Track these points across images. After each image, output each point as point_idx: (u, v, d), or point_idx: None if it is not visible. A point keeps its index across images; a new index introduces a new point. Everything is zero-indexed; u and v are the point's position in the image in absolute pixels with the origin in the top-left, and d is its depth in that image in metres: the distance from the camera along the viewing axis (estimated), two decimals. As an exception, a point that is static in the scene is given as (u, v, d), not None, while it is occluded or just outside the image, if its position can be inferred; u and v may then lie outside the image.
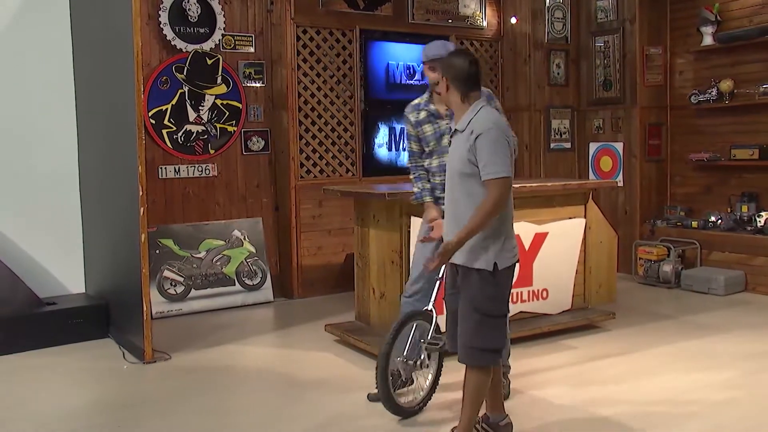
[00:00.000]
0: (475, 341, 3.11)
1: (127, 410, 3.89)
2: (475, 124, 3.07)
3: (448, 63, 3.19)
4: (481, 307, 3.10)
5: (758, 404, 3.84)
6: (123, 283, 5.02)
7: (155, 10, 6.04)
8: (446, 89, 3.18)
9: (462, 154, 3.10)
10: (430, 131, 4.00)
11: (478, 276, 3.10)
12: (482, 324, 3.10)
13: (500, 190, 3.01)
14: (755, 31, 6.53)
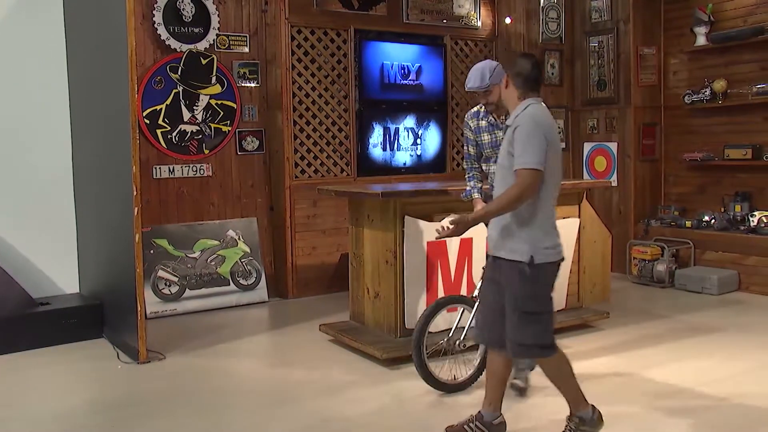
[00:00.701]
0: (519, 337, 3.16)
1: (121, 410, 3.89)
2: (518, 119, 3.18)
3: (513, 61, 3.30)
4: (520, 304, 3.15)
5: (751, 403, 3.86)
6: (117, 283, 5.01)
7: (149, 10, 6.03)
8: (506, 85, 3.28)
9: (505, 147, 3.22)
10: (487, 139, 4.24)
11: (516, 270, 3.14)
12: (523, 320, 3.14)
13: (527, 180, 3.06)
14: (748, 32, 6.56)
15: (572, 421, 3.31)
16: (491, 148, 4.20)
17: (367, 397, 4.02)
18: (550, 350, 3.21)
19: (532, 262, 3.11)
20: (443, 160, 7.42)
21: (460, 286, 4.84)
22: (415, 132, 7.21)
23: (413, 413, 3.85)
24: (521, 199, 3.07)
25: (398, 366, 4.47)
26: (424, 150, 7.29)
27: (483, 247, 4.87)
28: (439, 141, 7.38)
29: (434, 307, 4.08)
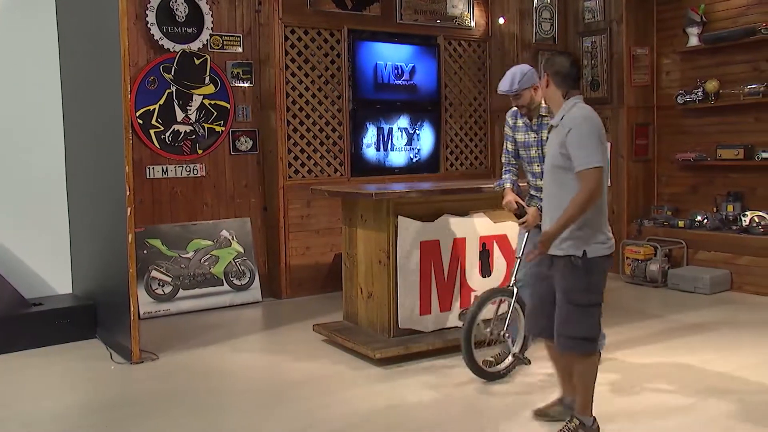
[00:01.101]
0: (569, 330, 3.23)
1: (114, 411, 3.88)
2: (567, 118, 3.23)
3: (552, 60, 3.36)
4: (571, 297, 3.22)
5: (745, 400, 3.87)
6: (110, 284, 5.00)
7: (142, 10, 6.03)
8: (546, 84, 3.36)
9: (556, 148, 3.27)
10: (521, 139, 4.38)
11: (569, 263, 3.22)
12: (574, 313, 3.22)
13: (593, 180, 3.12)
14: (740, 32, 6.59)
15: (573, 422, 3.36)
16: (524, 148, 4.37)
17: (361, 397, 4.02)
18: (595, 344, 3.29)
19: (584, 256, 3.20)
20: (437, 160, 7.43)
21: (453, 285, 4.85)
22: (409, 132, 7.22)
23: (406, 413, 3.86)
24: (592, 200, 3.14)
25: (392, 366, 4.48)
26: (418, 150, 7.30)
27: (476, 247, 4.92)
28: (433, 141, 7.39)
29: (483, 299, 4.21)
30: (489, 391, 4.12)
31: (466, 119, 7.63)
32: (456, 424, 3.68)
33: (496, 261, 5.03)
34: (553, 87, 3.31)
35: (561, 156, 3.22)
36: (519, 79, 4.12)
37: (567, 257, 3.23)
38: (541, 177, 4.03)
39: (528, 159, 4.37)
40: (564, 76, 3.29)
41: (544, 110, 4.19)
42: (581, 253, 3.19)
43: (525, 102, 4.18)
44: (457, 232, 4.85)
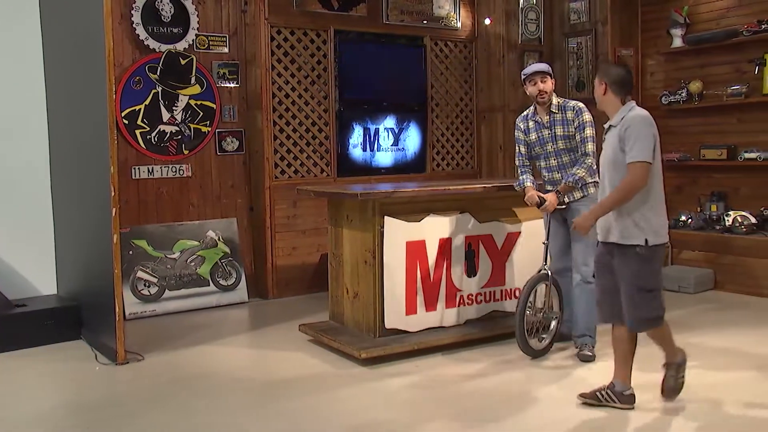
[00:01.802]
0: (639, 313, 3.60)
1: (98, 412, 3.87)
2: (627, 119, 3.63)
3: (608, 70, 3.80)
4: (640, 284, 3.58)
5: (725, 397, 3.91)
6: (95, 285, 4.99)
7: (128, 10, 6.01)
8: (603, 92, 3.75)
9: (614, 145, 3.64)
10: (534, 138, 4.78)
11: (633, 252, 3.57)
12: (641, 297, 3.58)
13: (638, 173, 3.52)
14: (722, 34, 6.64)
15: (671, 368, 3.78)
16: (539, 146, 4.76)
17: (347, 397, 4.03)
18: (662, 320, 3.68)
19: (646, 244, 3.55)
20: (423, 161, 7.45)
21: (439, 285, 4.87)
22: (395, 132, 7.24)
23: (393, 412, 3.87)
24: (634, 189, 3.53)
25: (377, 365, 4.49)
26: (405, 150, 7.32)
27: (462, 247, 4.94)
28: (420, 141, 7.41)
29: (529, 288, 4.59)
30: (474, 390, 4.14)
31: (452, 119, 7.65)
32: (441, 422, 3.69)
33: (481, 261, 5.05)
34: (611, 94, 3.72)
35: (620, 152, 3.60)
36: (549, 68, 4.70)
37: (631, 246, 3.57)
38: (557, 170, 4.69)
39: (544, 155, 4.75)
40: (621, 84, 3.71)
41: (555, 107, 4.68)
42: (644, 242, 3.55)
43: (549, 88, 4.66)
44: (442, 232, 4.87)
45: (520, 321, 4.54)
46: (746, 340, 5.00)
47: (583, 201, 4.63)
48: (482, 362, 4.59)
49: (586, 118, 4.64)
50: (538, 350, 4.67)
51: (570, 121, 4.67)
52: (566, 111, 4.69)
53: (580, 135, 4.63)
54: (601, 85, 3.76)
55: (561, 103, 4.72)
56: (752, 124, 6.53)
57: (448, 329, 4.90)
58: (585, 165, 4.59)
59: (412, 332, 4.78)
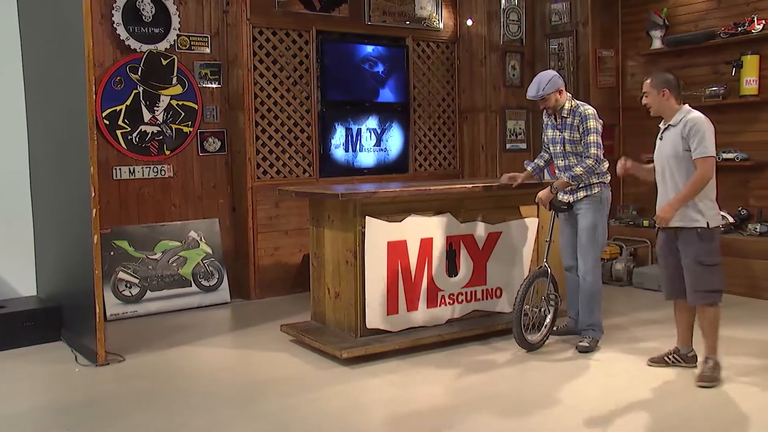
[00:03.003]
0: (700, 286, 4.11)
1: (77, 413, 3.86)
2: (687, 119, 4.11)
3: (665, 78, 4.25)
4: (701, 259, 4.09)
5: (700, 394, 3.97)
6: (76, 286, 4.96)
7: (108, 10, 5.98)
8: (663, 96, 4.19)
9: (676, 142, 4.13)
10: (549, 136, 5.01)
11: (696, 234, 4.10)
12: (704, 272, 4.09)
13: (707, 167, 4.04)
14: (700, 36, 6.72)
15: (708, 363, 4.16)
16: (551, 144, 5.00)
17: (327, 397, 4.04)
18: (721, 295, 4.16)
19: (708, 226, 4.09)
20: (406, 161, 7.47)
21: (420, 285, 4.89)
22: (378, 133, 7.25)
23: (374, 411, 3.89)
24: (705, 181, 4.05)
25: (359, 365, 4.51)
26: (387, 151, 7.34)
27: (443, 247, 4.96)
28: (402, 142, 7.43)
29: (528, 283, 4.78)
30: (453, 388, 4.17)
31: (434, 120, 7.68)
32: (420, 421, 3.71)
33: (462, 261, 5.08)
34: (673, 99, 4.18)
35: (681, 149, 4.08)
36: (544, 86, 4.76)
37: (694, 229, 4.09)
38: (564, 170, 4.91)
39: (554, 154, 5.00)
40: (675, 87, 4.20)
41: (566, 112, 4.82)
42: (705, 224, 4.08)
43: (551, 105, 4.82)
44: (423, 232, 4.89)
45: (518, 314, 4.67)
46: (724, 337, 5.05)
47: (585, 200, 4.80)
48: (463, 362, 4.62)
49: (590, 125, 4.77)
50: (533, 343, 4.79)
51: (576, 127, 4.79)
52: (575, 116, 4.80)
53: (585, 140, 4.77)
54: (661, 93, 4.19)
55: (572, 107, 4.84)
56: (730, 125, 6.60)
57: (430, 329, 4.92)
58: (584, 165, 4.73)
59: (393, 332, 4.79)
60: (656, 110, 4.29)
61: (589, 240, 4.80)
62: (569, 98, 4.87)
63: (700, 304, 4.15)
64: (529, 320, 4.81)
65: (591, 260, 4.82)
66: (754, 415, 3.72)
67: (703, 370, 4.17)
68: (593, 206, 4.82)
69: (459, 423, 3.68)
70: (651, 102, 4.28)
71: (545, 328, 4.91)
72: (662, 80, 4.23)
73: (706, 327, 4.19)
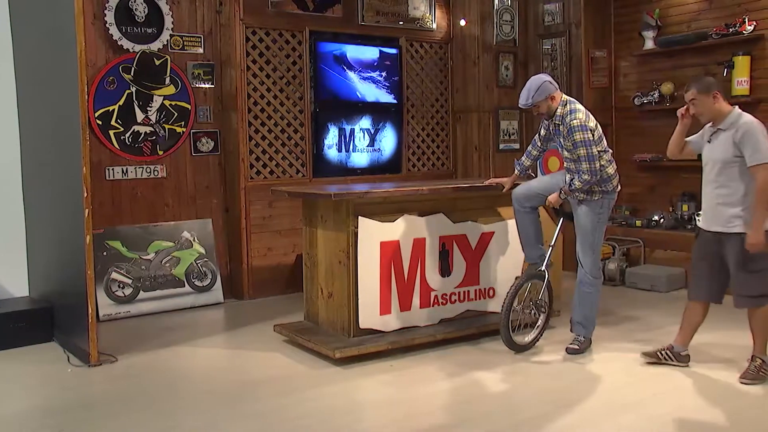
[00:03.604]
0: (746, 291, 4.07)
1: (70, 414, 3.85)
2: (740, 125, 4.01)
3: (710, 81, 4.19)
4: (747, 265, 4.02)
5: (691, 394, 3.99)
6: (68, 286, 4.95)
7: (101, 10, 5.97)
8: (714, 100, 4.10)
9: (727, 147, 4.04)
10: (543, 134, 4.97)
11: (738, 239, 4.02)
12: (749, 277, 4.04)
13: (765, 173, 3.91)
14: (692, 37, 6.75)
15: (755, 362, 4.14)
16: (548, 142, 4.97)
17: (321, 397, 4.05)
18: (766, 299, 4.07)
19: None
20: (399, 161, 7.48)
21: (413, 285, 4.89)
22: (371, 133, 7.26)
23: (366, 411, 3.90)
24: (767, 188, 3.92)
25: (352, 365, 4.51)
26: (380, 151, 7.34)
27: (436, 247, 4.97)
28: (395, 142, 7.43)
29: (520, 283, 4.74)
30: (446, 388, 4.18)
31: (428, 120, 7.69)
32: (414, 422, 3.72)
33: (455, 261, 5.08)
34: (722, 102, 4.11)
35: (732, 154, 4.00)
36: (533, 94, 4.63)
37: (736, 234, 4.02)
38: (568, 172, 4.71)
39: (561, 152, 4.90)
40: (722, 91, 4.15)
41: (558, 119, 4.69)
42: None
43: (543, 111, 4.71)
44: (416, 232, 4.89)
45: (506, 314, 4.64)
46: (716, 336, 5.08)
47: (584, 203, 4.71)
48: (456, 362, 4.63)
49: (576, 138, 4.55)
50: (521, 345, 4.77)
51: (565, 137, 4.66)
52: (563, 126, 4.65)
53: (576, 153, 4.58)
54: (711, 97, 4.10)
55: (563, 114, 4.65)
56: (722, 125, 6.63)
57: (423, 329, 4.93)
58: (581, 179, 4.56)
59: (386, 332, 4.80)
60: (709, 116, 4.17)
61: (585, 241, 4.71)
62: (562, 104, 4.67)
63: (748, 307, 4.12)
64: (519, 320, 4.78)
65: (589, 262, 4.73)
66: (746, 411, 3.73)
67: (749, 368, 4.15)
68: (592, 210, 4.68)
69: (452, 423, 3.68)
70: (702, 109, 4.15)
71: (536, 329, 4.88)
72: (710, 84, 4.16)
73: (755, 327, 4.15)
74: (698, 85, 4.17)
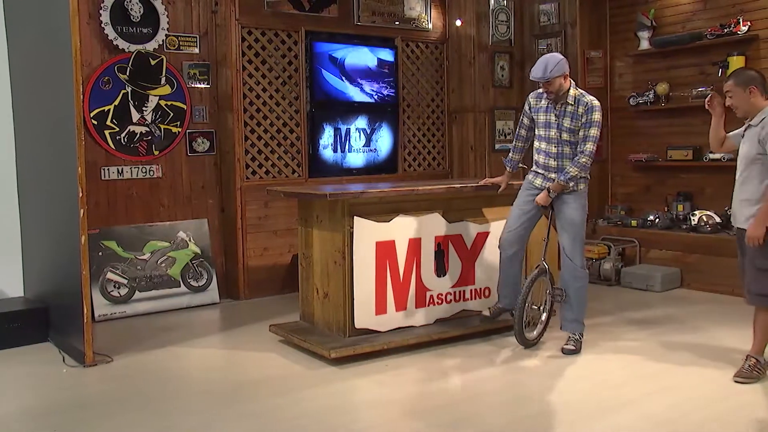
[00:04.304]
0: (754, 288, 4.05)
1: (65, 414, 3.84)
2: (766, 121, 3.93)
3: (750, 75, 4.10)
4: (756, 262, 4.00)
5: (683, 394, 3.99)
6: (63, 286, 4.95)
7: (96, 10, 5.96)
8: (750, 94, 4.02)
9: (753, 144, 3.99)
10: (542, 119, 4.77)
11: None
12: (758, 275, 4.01)
13: None
14: (687, 37, 6.76)
15: (749, 361, 4.14)
16: (544, 128, 4.76)
17: (317, 397, 4.05)
18: None
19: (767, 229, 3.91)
20: (395, 161, 7.48)
21: (408, 285, 4.90)
22: (367, 133, 7.26)
23: (362, 411, 3.90)
24: None
25: (347, 365, 4.51)
26: (377, 151, 7.34)
27: (432, 247, 4.98)
28: (391, 142, 7.44)
29: (530, 282, 4.78)
30: (442, 389, 4.18)
31: (423, 120, 7.70)
32: (409, 422, 3.72)
33: (451, 261, 5.09)
34: (758, 96, 4.02)
35: (755, 151, 3.96)
36: (551, 68, 4.49)
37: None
38: (555, 158, 4.72)
39: (546, 138, 4.74)
40: (763, 84, 4.05)
41: (571, 99, 4.60)
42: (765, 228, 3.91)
43: (555, 89, 4.57)
44: (412, 232, 4.90)
45: (520, 313, 4.72)
46: (711, 336, 5.10)
47: (572, 195, 4.73)
48: (451, 361, 4.64)
49: (595, 118, 4.57)
50: (531, 341, 4.88)
51: (579, 116, 4.60)
52: (579, 105, 4.61)
53: (584, 132, 4.60)
54: (747, 91, 4.02)
55: (577, 96, 4.63)
56: (717, 125, 6.65)
57: (418, 329, 4.94)
58: (579, 164, 4.59)
59: (381, 332, 4.80)
60: (743, 110, 4.09)
61: (576, 236, 4.71)
62: (573, 85, 4.65)
63: (755, 305, 4.11)
64: (532, 317, 4.90)
65: (579, 256, 4.75)
66: (737, 412, 3.75)
67: (743, 366, 4.15)
68: (580, 202, 4.73)
69: (447, 423, 3.69)
70: (737, 102, 4.09)
71: (541, 324, 4.96)
72: (748, 77, 4.07)
73: (758, 327, 4.15)
74: (736, 77, 4.12)
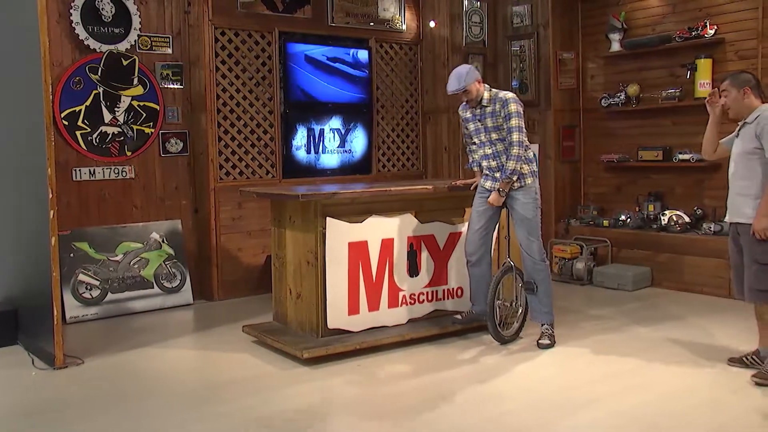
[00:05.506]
0: (756, 284, 4.04)
1: (33, 417, 3.81)
2: (762, 117, 4.04)
3: (745, 77, 4.22)
4: (757, 257, 4.02)
5: (653, 391, 4.05)
6: (33, 288, 4.90)
7: (66, 9, 5.91)
8: (744, 95, 4.14)
9: (747, 140, 4.09)
10: (472, 129, 5.00)
11: (751, 229, 4.00)
12: (760, 270, 4.01)
13: None
14: (657, 40, 6.86)
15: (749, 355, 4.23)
16: (476, 135, 4.97)
17: (290, 397, 4.05)
18: None
19: None
20: (369, 162, 7.50)
21: (381, 285, 4.92)
22: (342, 134, 7.27)
23: (335, 411, 3.91)
24: None
25: (320, 365, 4.52)
26: (351, 152, 7.36)
27: (404, 247, 5.00)
28: (365, 143, 7.46)
29: (497, 279, 4.89)
30: (414, 388, 4.20)
31: (398, 121, 7.73)
32: (380, 421, 3.74)
33: (423, 261, 5.12)
34: (752, 97, 4.14)
35: (752, 147, 4.04)
36: (464, 78, 4.76)
37: (751, 225, 4.00)
38: (492, 158, 4.90)
39: (480, 144, 4.97)
40: (759, 88, 4.19)
41: (486, 100, 4.84)
42: None
43: (472, 95, 4.82)
44: (384, 232, 4.92)
45: (491, 314, 4.84)
46: (681, 333, 5.18)
47: (520, 192, 4.84)
48: (424, 361, 4.66)
49: (511, 109, 4.78)
50: (509, 337, 4.99)
51: (498, 113, 4.83)
52: (495, 103, 4.84)
53: (507, 125, 4.81)
54: (741, 92, 4.14)
55: (492, 95, 4.88)
56: (685, 126, 6.76)
57: (391, 329, 4.96)
58: (512, 157, 4.76)
59: (354, 332, 4.82)
60: (736, 111, 4.20)
61: (530, 230, 4.82)
62: (487, 88, 4.89)
63: (756, 302, 4.10)
64: (501, 316, 4.97)
65: (536, 248, 4.84)
66: (700, 409, 3.81)
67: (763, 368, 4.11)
68: (530, 198, 4.83)
69: (420, 422, 3.71)
70: (730, 102, 4.19)
71: (518, 320, 5.06)
72: (743, 79, 4.19)
73: (760, 323, 4.17)
74: (732, 78, 4.25)
